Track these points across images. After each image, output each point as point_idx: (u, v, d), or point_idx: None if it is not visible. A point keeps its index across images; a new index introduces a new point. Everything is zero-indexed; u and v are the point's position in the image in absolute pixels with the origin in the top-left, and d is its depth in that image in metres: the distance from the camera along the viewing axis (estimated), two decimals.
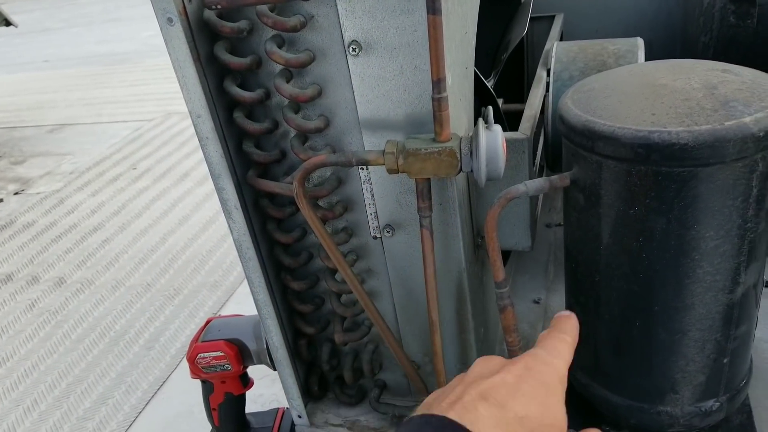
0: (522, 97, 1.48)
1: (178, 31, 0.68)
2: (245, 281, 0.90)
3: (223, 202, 0.81)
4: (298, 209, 0.84)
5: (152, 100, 4.32)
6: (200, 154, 3.15)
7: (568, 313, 0.65)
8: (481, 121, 0.70)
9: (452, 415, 0.47)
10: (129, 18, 7.82)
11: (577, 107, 0.72)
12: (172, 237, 2.40)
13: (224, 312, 1.82)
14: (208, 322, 1.06)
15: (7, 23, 3.75)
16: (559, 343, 0.59)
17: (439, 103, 0.67)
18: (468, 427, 0.46)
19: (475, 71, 0.91)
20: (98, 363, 1.77)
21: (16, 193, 3.06)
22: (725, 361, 0.78)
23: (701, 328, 0.74)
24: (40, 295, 2.16)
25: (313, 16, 0.70)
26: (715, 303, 0.72)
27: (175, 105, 4.07)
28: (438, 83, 0.66)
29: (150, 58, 5.62)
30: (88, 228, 2.58)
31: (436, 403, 0.51)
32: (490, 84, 1.19)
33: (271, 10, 0.69)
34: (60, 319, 2.01)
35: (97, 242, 2.45)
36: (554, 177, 0.75)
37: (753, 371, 0.86)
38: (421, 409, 0.52)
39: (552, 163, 1.10)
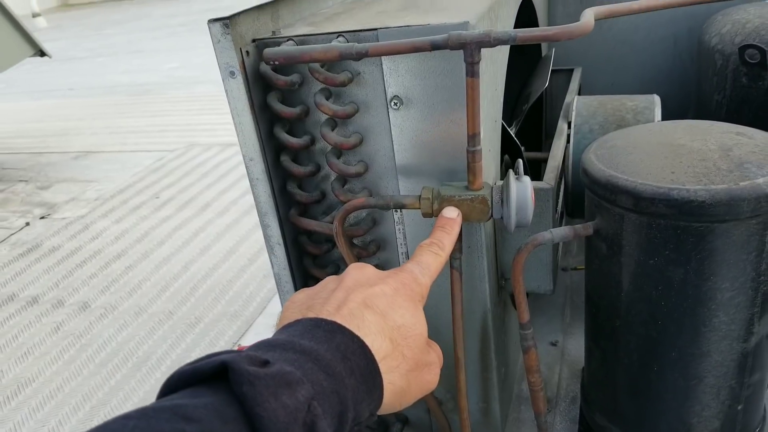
0: (539, 145, 1.54)
1: (239, 83, 0.75)
2: (264, 312, 0.94)
3: (267, 238, 0.86)
4: (333, 246, 0.89)
5: (174, 131, 4.43)
6: (221, 185, 3.23)
7: (454, 214, 0.71)
8: (511, 171, 0.76)
9: (339, 320, 0.50)
10: (152, 50, 8.03)
11: (601, 162, 0.77)
12: (193, 266, 2.46)
13: (244, 342, 1.86)
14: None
15: (42, 53, 3.89)
16: (434, 260, 0.65)
17: (473, 155, 0.72)
18: (354, 331, 0.50)
19: (502, 123, 0.97)
20: (121, 387, 1.80)
21: (42, 218, 3.14)
22: (739, 407, 0.81)
23: (717, 374, 0.78)
24: (65, 318, 2.21)
25: (359, 73, 0.77)
26: (730, 351, 0.76)
27: (196, 137, 4.17)
28: (473, 137, 0.71)
29: (172, 89, 5.77)
30: (112, 254, 2.65)
31: (318, 306, 0.54)
32: (512, 132, 1.25)
33: (321, 66, 0.76)
34: (84, 342, 2.05)
35: (121, 268, 2.51)
36: (578, 226, 0.80)
37: (767, 419, 0.89)
38: (296, 309, 0.55)
39: (572, 210, 1.15)
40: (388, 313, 0.54)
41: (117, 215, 3.04)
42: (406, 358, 0.54)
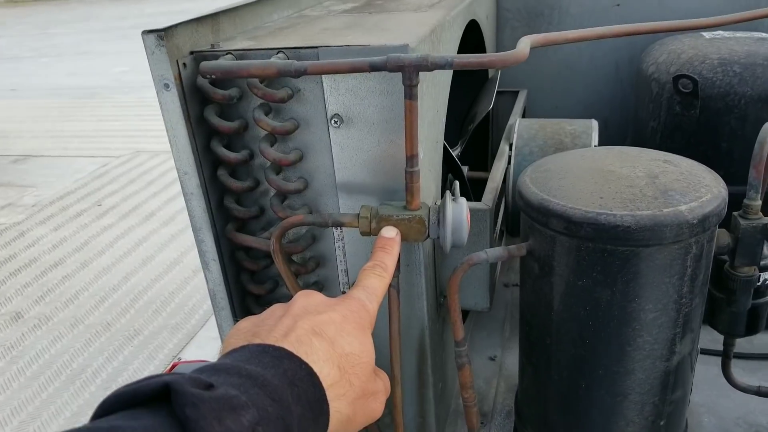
0: (486, 164, 1.57)
1: (173, 95, 0.73)
2: (206, 325, 0.93)
3: (202, 254, 0.85)
4: (271, 262, 0.89)
5: (121, 136, 4.32)
6: (168, 194, 3.16)
7: (393, 234, 0.72)
8: (448, 193, 0.77)
9: (287, 346, 0.50)
10: (101, 52, 7.82)
11: (535, 185, 0.79)
12: (134, 276, 2.39)
13: (184, 355, 1.82)
14: (173, 366, 1.07)
15: None
16: (379, 283, 0.65)
17: (411, 175, 0.73)
18: (303, 358, 0.49)
19: (444, 144, 0.99)
20: (53, 401, 1.74)
21: None
22: (662, 423, 0.84)
23: (641, 392, 0.81)
24: None
25: (299, 90, 0.77)
26: (653, 369, 0.79)
27: (143, 143, 4.08)
28: (411, 158, 0.72)
29: (121, 94, 5.63)
30: (48, 263, 2.55)
31: (265, 333, 0.53)
32: (457, 152, 1.27)
33: (261, 82, 0.75)
34: (15, 354, 1.97)
35: (57, 278, 2.42)
36: (512, 247, 0.82)
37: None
38: (241, 336, 0.54)
39: (512, 229, 1.17)
40: (336, 340, 0.54)
41: (55, 222, 2.94)
42: (353, 386, 0.54)
